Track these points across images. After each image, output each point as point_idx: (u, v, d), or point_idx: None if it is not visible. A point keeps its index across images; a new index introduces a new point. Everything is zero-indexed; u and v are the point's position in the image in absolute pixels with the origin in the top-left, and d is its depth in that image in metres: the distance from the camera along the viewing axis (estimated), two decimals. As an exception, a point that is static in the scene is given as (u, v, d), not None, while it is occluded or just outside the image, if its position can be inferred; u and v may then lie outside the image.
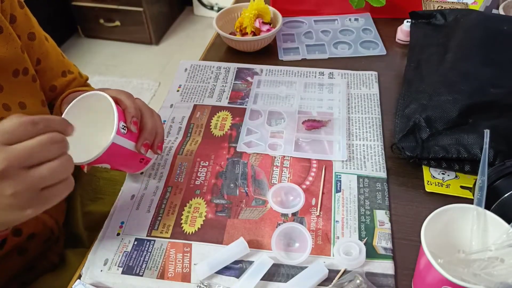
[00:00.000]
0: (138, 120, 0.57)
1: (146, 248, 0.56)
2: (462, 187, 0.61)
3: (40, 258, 0.69)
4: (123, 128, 0.54)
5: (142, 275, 0.54)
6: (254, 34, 0.87)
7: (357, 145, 0.68)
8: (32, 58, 0.65)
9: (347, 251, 0.54)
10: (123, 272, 0.54)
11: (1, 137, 0.40)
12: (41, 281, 0.68)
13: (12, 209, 0.41)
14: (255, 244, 0.56)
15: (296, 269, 0.53)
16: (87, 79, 0.80)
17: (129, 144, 0.56)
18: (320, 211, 0.59)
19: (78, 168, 0.82)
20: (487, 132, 0.54)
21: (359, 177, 0.63)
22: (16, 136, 0.40)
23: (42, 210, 0.43)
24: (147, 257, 0.55)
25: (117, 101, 0.55)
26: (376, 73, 0.81)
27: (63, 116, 0.54)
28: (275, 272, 0.53)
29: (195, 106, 0.77)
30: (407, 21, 0.87)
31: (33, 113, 0.45)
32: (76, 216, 0.78)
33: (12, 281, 0.66)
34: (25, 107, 0.62)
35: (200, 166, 0.66)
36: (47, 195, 0.43)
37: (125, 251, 0.56)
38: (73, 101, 0.56)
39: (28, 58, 0.63)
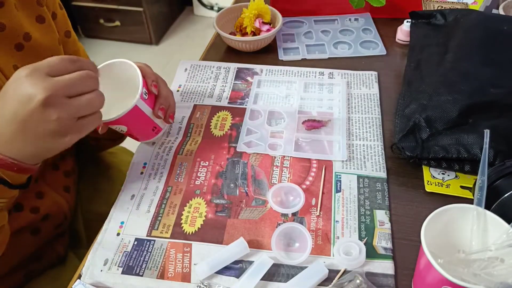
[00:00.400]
0: (157, 84, 0.63)
1: (146, 248, 0.56)
2: (462, 187, 0.61)
3: (47, 248, 0.71)
4: (145, 94, 0.60)
5: (142, 275, 0.54)
6: (254, 34, 0.87)
7: (357, 145, 0.68)
8: (66, 53, 0.70)
9: (347, 251, 0.54)
10: (123, 272, 0.54)
11: (46, 69, 0.45)
12: (41, 280, 0.69)
13: (54, 134, 0.47)
14: (255, 244, 0.56)
15: (296, 269, 0.53)
16: None
17: (147, 110, 0.62)
18: (320, 211, 0.59)
19: (79, 168, 0.83)
20: (487, 132, 0.54)
21: (359, 177, 0.63)
22: (58, 70, 0.46)
23: (78, 139, 0.49)
24: (147, 257, 0.55)
25: (139, 69, 0.60)
26: (376, 73, 0.81)
27: None
28: (275, 272, 0.53)
29: (195, 106, 0.77)
30: (407, 21, 0.87)
31: None
32: (77, 213, 0.78)
33: (19, 269, 0.67)
34: None
35: (200, 166, 0.66)
36: (82, 124, 0.49)
37: (125, 251, 0.56)
38: (99, 66, 0.60)
39: (63, 52, 0.68)
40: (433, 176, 0.63)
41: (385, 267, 0.53)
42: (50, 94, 0.44)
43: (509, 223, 0.44)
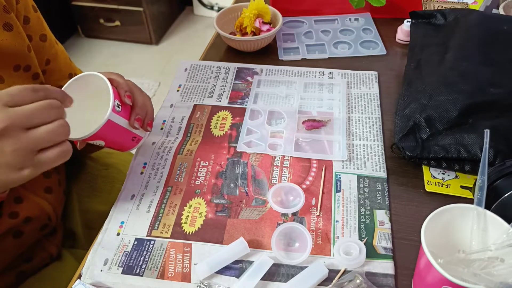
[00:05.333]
0: (131, 94, 0.60)
1: (146, 248, 0.56)
2: (462, 187, 0.61)
3: (38, 249, 0.69)
4: (117, 106, 0.58)
5: (142, 275, 0.54)
6: (254, 34, 0.87)
7: (357, 145, 0.68)
8: (42, 58, 0.68)
9: (347, 251, 0.54)
10: (123, 272, 0.54)
11: (4, 99, 0.44)
12: (35, 280, 0.68)
13: (10, 168, 0.44)
14: (255, 244, 0.56)
15: (296, 269, 0.53)
16: None
17: (122, 122, 0.59)
18: (320, 211, 0.59)
19: (77, 166, 0.83)
20: (487, 132, 0.54)
21: (359, 177, 0.63)
22: (17, 100, 0.44)
23: (39, 173, 0.46)
24: (147, 257, 0.55)
25: (110, 81, 0.58)
26: (376, 73, 0.81)
27: None
28: (275, 272, 0.53)
29: (195, 106, 0.77)
30: (407, 21, 0.87)
31: None
32: (74, 213, 0.78)
33: (9, 270, 0.66)
34: None
35: (200, 166, 0.66)
36: (44, 157, 0.46)
37: (125, 251, 0.56)
38: (69, 81, 0.58)
39: (34, 58, 0.65)
40: (433, 176, 0.63)
41: (385, 267, 0.53)
42: (6, 126, 0.42)
43: (509, 223, 0.44)
